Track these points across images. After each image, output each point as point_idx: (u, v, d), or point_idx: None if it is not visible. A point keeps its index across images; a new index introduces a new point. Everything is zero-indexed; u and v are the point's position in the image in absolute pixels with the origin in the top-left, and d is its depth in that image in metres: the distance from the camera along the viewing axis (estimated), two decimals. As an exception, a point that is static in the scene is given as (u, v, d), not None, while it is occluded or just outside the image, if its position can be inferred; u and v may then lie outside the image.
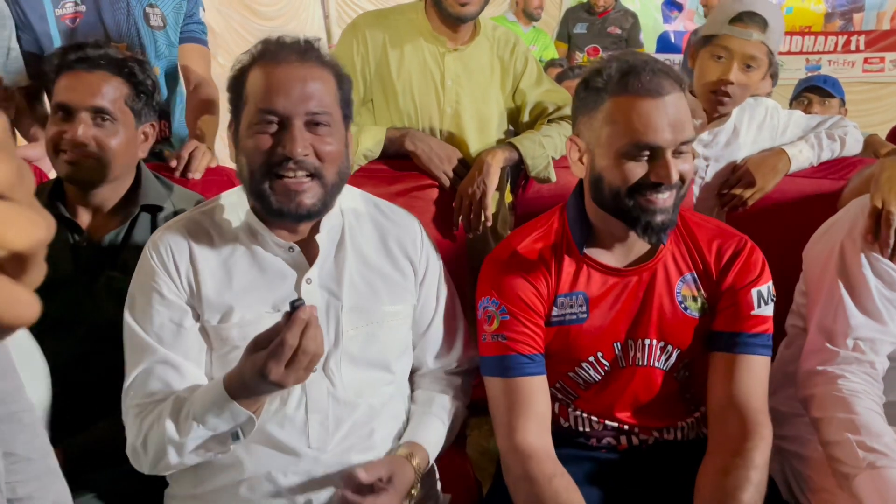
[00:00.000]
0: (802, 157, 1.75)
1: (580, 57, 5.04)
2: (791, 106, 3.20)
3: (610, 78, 1.14)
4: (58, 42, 1.95)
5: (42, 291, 1.10)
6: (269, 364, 0.96)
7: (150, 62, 2.01)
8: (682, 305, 1.26)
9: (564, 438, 1.31)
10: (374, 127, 1.80)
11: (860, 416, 1.21)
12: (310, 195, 1.11)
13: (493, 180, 1.68)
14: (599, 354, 1.28)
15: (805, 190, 1.78)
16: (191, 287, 1.16)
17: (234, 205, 1.21)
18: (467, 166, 1.75)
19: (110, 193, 1.47)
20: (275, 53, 1.12)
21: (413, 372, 1.35)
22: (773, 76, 2.46)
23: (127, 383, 1.15)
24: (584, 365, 1.29)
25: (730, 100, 1.71)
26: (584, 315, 1.25)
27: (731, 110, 1.78)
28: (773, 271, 1.28)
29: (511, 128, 1.99)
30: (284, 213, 1.11)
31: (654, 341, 1.27)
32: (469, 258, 1.78)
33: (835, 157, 1.79)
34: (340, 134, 1.16)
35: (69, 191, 1.47)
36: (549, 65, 4.28)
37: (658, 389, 1.31)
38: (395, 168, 1.75)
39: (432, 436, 1.25)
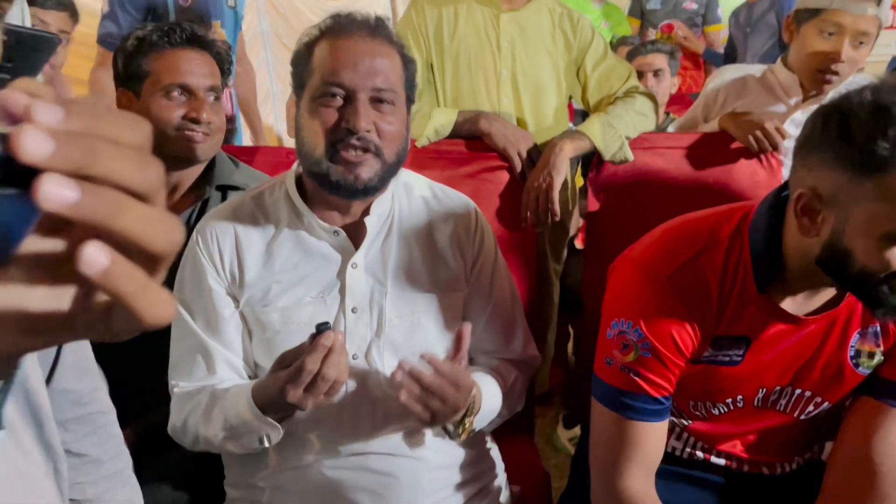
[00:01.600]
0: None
1: (653, 33, 4.85)
2: (886, 83, 2.99)
3: None
4: (172, 17, 2.04)
5: None
6: (288, 387, 0.96)
7: (227, 40, 2.09)
8: (854, 361, 1.08)
9: None
10: (447, 109, 1.78)
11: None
12: (367, 168, 1.09)
13: (561, 172, 1.62)
14: (739, 398, 1.12)
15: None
16: (233, 275, 1.16)
17: (283, 186, 1.20)
18: (541, 154, 1.69)
19: (193, 172, 1.49)
20: (344, 27, 1.11)
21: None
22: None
23: (171, 361, 1.19)
24: (717, 404, 1.14)
25: (838, 78, 1.59)
26: (739, 359, 1.07)
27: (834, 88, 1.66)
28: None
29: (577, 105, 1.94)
30: (342, 186, 1.09)
31: (808, 394, 1.11)
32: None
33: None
34: (402, 114, 1.14)
35: None
36: (620, 43, 4.13)
37: (787, 431, 1.17)
38: (465, 149, 1.70)
39: (488, 385, 1.19)
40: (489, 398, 1.18)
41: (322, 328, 0.96)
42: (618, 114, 1.72)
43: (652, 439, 1.09)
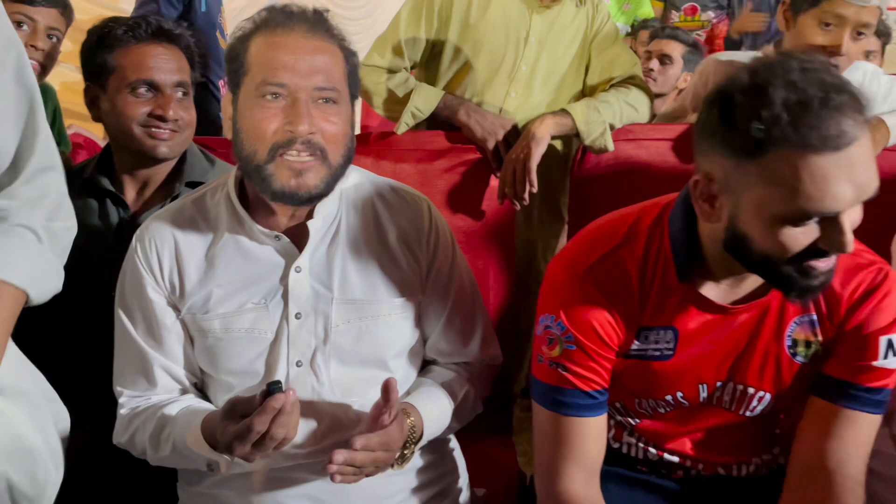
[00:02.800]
0: (905, 127, 1.53)
1: (676, 17, 4.72)
2: (906, 68, 2.87)
3: (776, 121, 0.82)
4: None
5: (88, 268, 1.08)
6: (235, 444, 0.96)
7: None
8: (791, 351, 1.05)
9: (612, 457, 1.17)
10: (431, 88, 1.72)
11: (947, 435, 1.04)
12: (312, 175, 1.04)
13: (540, 144, 1.57)
14: (679, 395, 1.10)
15: (906, 167, 1.56)
16: (172, 284, 1.13)
17: (223, 188, 1.16)
18: None
19: (164, 168, 1.47)
20: (281, 22, 1.05)
21: (422, 366, 1.26)
22: (881, 34, 2.19)
23: (115, 368, 1.18)
24: (658, 401, 1.12)
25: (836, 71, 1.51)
26: (670, 353, 1.05)
27: None
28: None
29: None
30: (287, 194, 1.04)
31: (752, 389, 1.08)
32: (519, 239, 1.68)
33: (946, 128, 1.55)
34: (347, 113, 1.09)
35: (120, 165, 1.47)
36: (642, 26, 4.04)
37: (737, 429, 1.13)
38: (444, 141, 1.66)
39: (433, 406, 1.15)
40: (434, 420, 1.14)
41: (273, 388, 0.94)
42: (606, 100, 1.66)
43: (589, 436, 1.06)
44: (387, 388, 1.01)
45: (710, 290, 1.03)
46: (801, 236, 0.87)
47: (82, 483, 1.23)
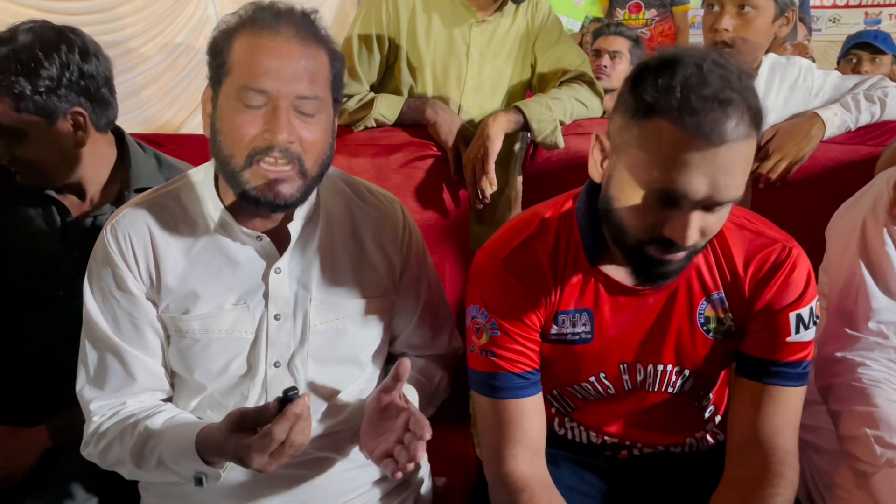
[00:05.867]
0: (838, 120, 1.61)
1: (621, 14, 4.82)
2: (838, 64, 2.99)
3: (668, 91, 0.86)
4: None
5: (35, 271, 1.05)
6: (253, 455, 0.94)
7: None
8: (705, 328, 1.09)
9: (559, 442, 1.21)
10: (393, 96, 1.73)
11: (880, 409, 1.11)
12: (289, 185, 1.02)
13: (495, 143, 1.60)
14: (602, 375, 1.13)
15: (839, 157, 1.64)
16: (151, 278, 1.10)
17: (200, 186, 1.13)
18: None
19: (84, 178, 1.37)
20: (268, 23, 1.00)
21: (390, 359, 1.27)
22: (802, 22, 2.28)
23: (82, 375, 1.12)
24: (583, 384, 1.15)
25: (732, 51, 1.59)
26: (589, 336, 1.10)
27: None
28: (802, 247, 1.08)
29: None
30: (261, 201, 1.02)
31: (670, 367, 1.12)
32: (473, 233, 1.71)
33: (874, 120, 1.64)
34: (328, 122, 1.06)
35: None
36: (593, 23, 4.11)
37: (669, 409, 1.16)
38: (400, 137, 1.67)
39: (411, 393, 1.16)
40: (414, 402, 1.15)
41: (291, 396, 0.93)
42: (558, 97, 1.69)
43: (526, 415, 1.09)
44: (400, 369, 1.03)
45: (619, 273, 1.07)
46: (649, 213, 0.91)
47: (41, 481, 1.21)
